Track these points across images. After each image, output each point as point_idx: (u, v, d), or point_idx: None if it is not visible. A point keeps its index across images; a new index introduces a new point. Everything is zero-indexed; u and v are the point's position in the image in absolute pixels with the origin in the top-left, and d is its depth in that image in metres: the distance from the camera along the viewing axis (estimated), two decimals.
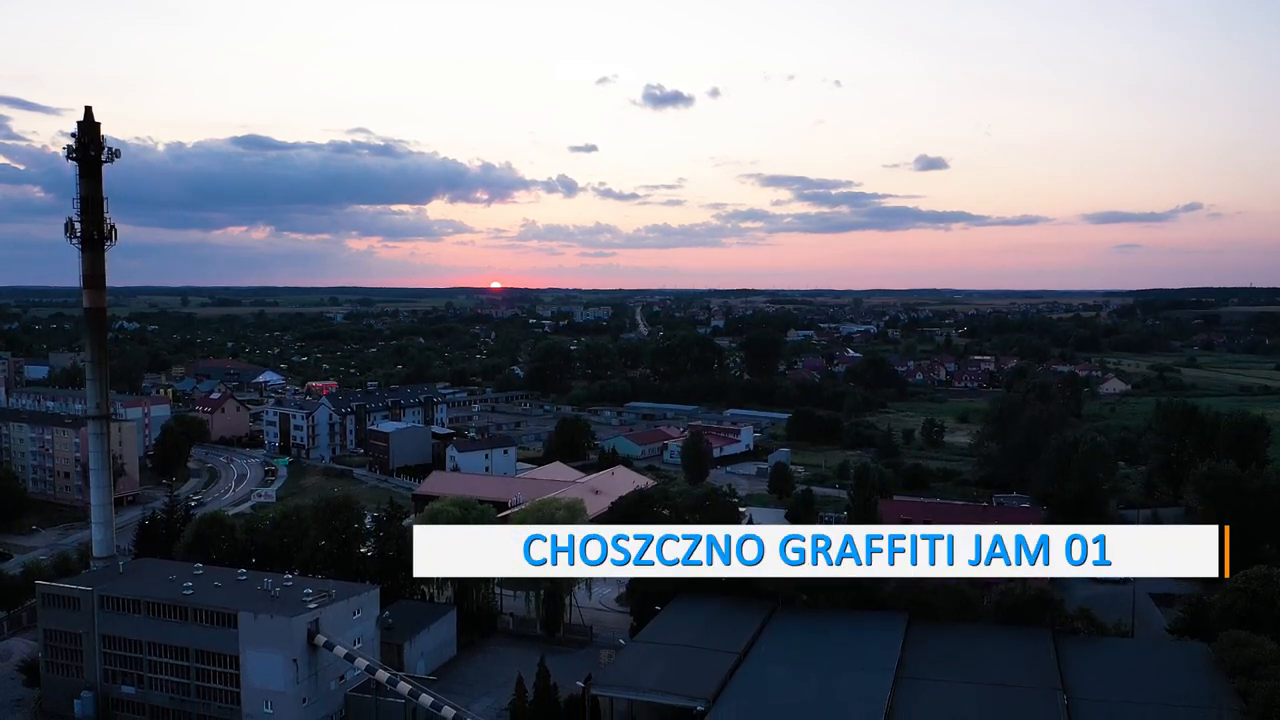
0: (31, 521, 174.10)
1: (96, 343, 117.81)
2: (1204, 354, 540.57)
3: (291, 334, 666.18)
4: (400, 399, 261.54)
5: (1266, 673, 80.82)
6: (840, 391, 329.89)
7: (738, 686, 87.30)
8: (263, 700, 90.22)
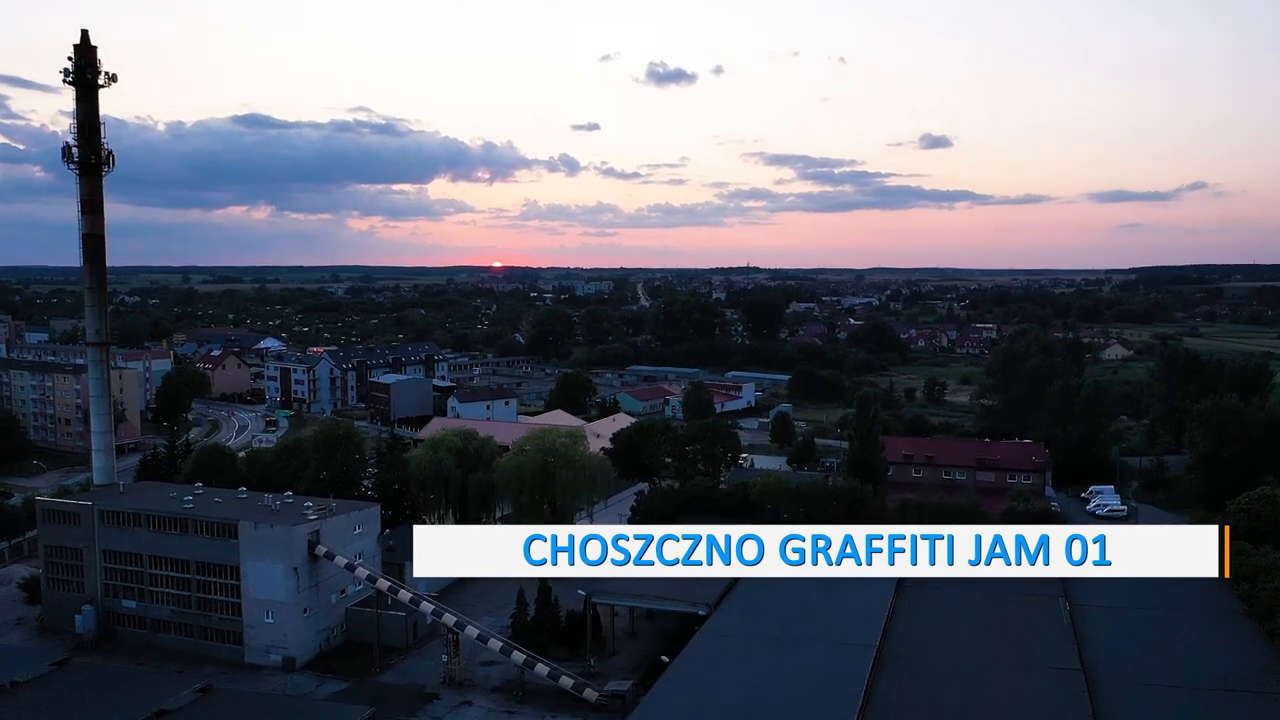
0: (34, 464, 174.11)
1: (94, 269, 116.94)
2: (1206, 324, 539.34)
3: (292, 307, 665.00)
4: (401, 355, 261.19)
5: (1269, 578, 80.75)
6: (841, 355, 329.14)
7: (740, 593, 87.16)
8: (264, 611, 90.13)
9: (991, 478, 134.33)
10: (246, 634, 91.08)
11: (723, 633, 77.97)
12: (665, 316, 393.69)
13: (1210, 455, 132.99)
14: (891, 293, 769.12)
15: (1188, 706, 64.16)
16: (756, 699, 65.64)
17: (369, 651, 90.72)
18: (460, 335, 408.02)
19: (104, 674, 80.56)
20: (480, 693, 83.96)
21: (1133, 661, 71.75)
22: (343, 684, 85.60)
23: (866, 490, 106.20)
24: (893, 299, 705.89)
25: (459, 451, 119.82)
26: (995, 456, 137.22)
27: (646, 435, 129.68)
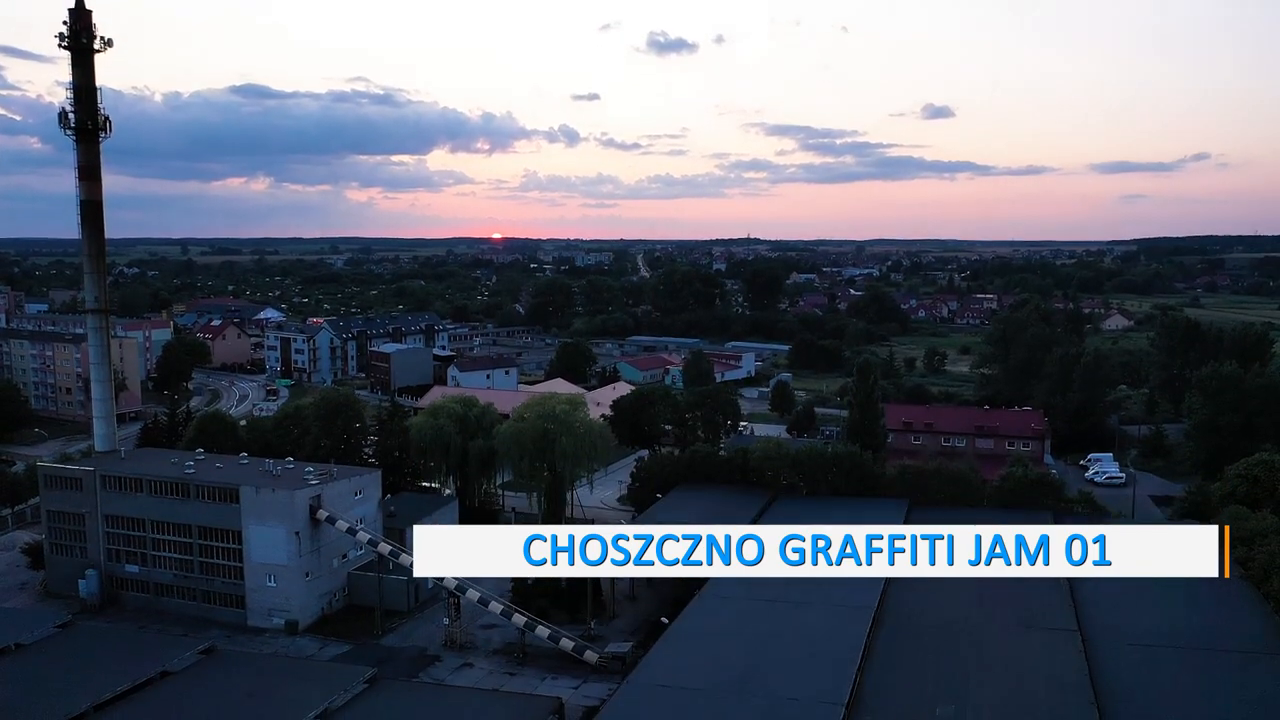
0: (35, 432, 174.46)
1: (93, 236, 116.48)
2: (1207, 295, 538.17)
3: (292, 278, 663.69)
4: (401, 325, 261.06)
5: (1265, 542, 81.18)
6: (842, 325, 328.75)
7: None
8: (266, 574, 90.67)
9: (991, 445, 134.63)
10: (249, 597, 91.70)
11: (722, 595, 78.40)
12: (665, 287, 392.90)
13: (1209, 422, 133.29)
14: (892, 264, 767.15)
15: (1184, 665, 64.77)
16: (755, 658, 66.20)
17: (371, 615, 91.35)
18: (460, 306, 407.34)
19: (108, 636, 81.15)
20: (481, 655, 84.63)
21: (1130, 622, 72.24)
22: (345, 646, 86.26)
23: (866, 456, 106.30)
24: (893, 270, 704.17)
25: (459, 418, 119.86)
26: (994, 424, 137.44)
27: (647, 402, 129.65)
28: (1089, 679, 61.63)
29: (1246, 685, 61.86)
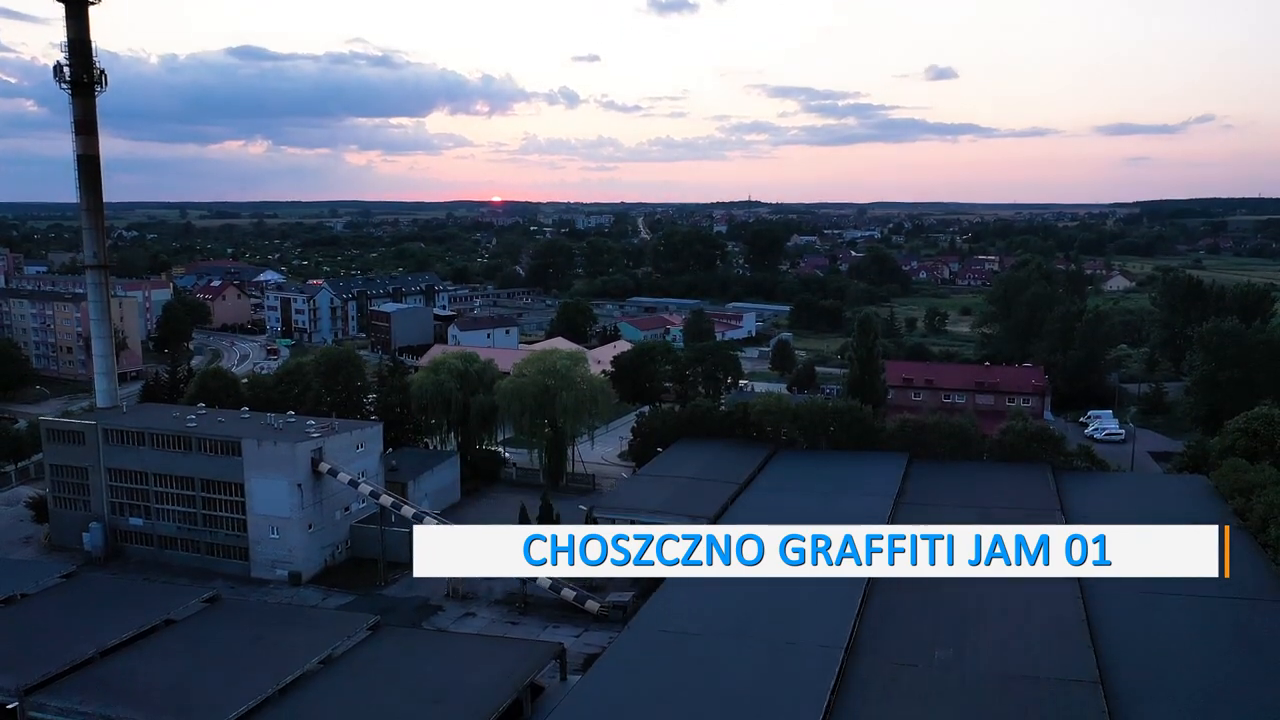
0: (37, 389, 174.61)
1: (91, 191, 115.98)
2: (1210, 257, 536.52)
3: (291, 241, 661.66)
4: (401, 286, 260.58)
5: (1264, 493, 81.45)
6: (843, 286, 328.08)
7: (741, 508, 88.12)
8: (269, 526, 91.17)
9: (991, 401, 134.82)
10: (252, 549, 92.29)
11: None
12: (666, 248, 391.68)
13: (1209, 378, 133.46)
14: (894, 226, 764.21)
15: (1181, 610, 65.18)
16: (755, 605, 66.60)
17: (373, 567, 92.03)
18: (460, 268, 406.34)
19: (112, 585, 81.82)
20: (483, 605, 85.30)
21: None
22: (348, 597, 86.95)
23: (866, 410, 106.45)
24: (895, 232, 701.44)
25: (460, 374, 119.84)
26: (995, 380, 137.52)
27: (647, 358, 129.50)
28: (1086, 623, 62.19)
29: (1242, 629, 62.39)
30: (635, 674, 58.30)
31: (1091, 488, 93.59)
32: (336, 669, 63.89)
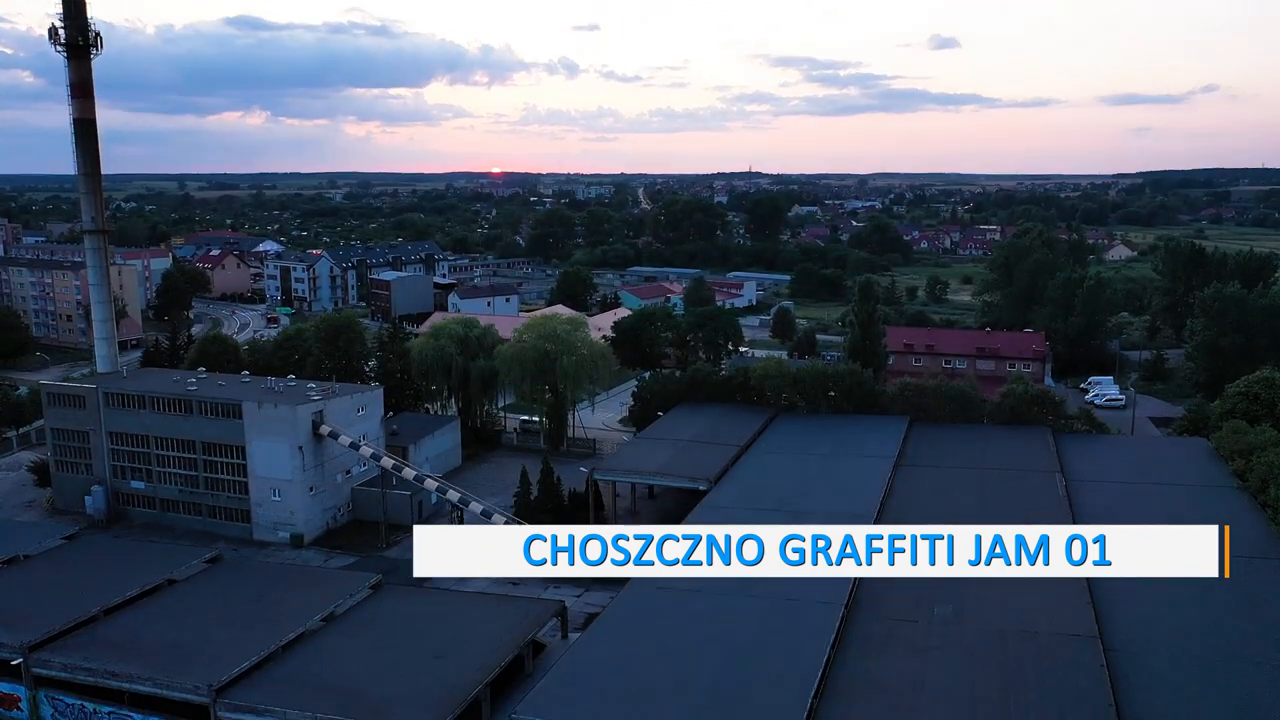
0: (38, 356, 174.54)
1: (88, 155, 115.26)
2: (1212, 226, 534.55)
3: (290, 212, 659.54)
4: (401, 254, 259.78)
5: (1264, 454, 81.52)
6: (843, 255, 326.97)
7: (741, 470, 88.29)
8: (270, 489, 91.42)
9: (992, 366, 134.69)
10: (254, 512, 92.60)
11: (722, 505, 79.07)
12: (667, 218, 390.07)
13: (1210, 343, 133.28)
14: (895, 197, 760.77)
15: None
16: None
17: (375, 529, 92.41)
18: (460, 238, 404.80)
19: (114, 546, 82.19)
20: None
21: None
22: (350, 559, 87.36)
23: (866, 374, 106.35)
24: (896, 202, 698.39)
25: (460, 339, 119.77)
26: (995, 345, 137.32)
27: (648, 322, 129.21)
28: (1085, 581, 62.27)
29: (1241, 586, 62.45)
30: (636, 629, 58.58)
31: (1091, 450, 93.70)
32: (338, 626, 64.22)
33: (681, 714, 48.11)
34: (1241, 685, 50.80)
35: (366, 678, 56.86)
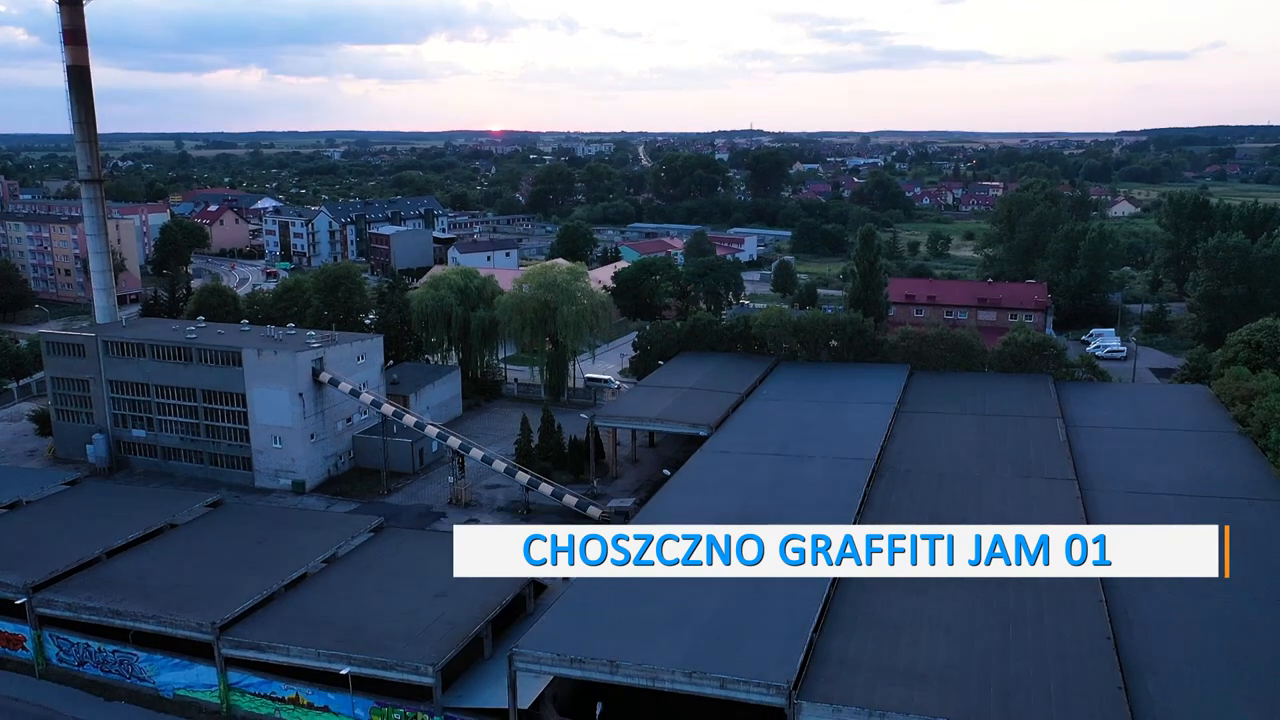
0: (36, 309, 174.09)
1: (83, 103, 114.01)
2: (1216, 183, 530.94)
3: (288, 170, 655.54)
4: (400, 209, 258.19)
5: (1265, 399, 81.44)
6: (845, 210, 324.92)
7: (742, 416, 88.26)
8: (271, 436, 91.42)
9: (993, 317, 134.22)
10: (255, 459, 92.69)
11: (724, 449, 79.14)
12: (667, 174, 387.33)
13: (1213, 293, 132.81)
14: (897, 154, 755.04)
15: (1180, 509, 65.50)
16: (756, 504, 66.95)
17: (376, 477, 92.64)
18: (459, 195, 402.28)
19: (115, 491, 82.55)
20: (486, 511, 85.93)
21: (1130, 474, 72.82)
22: (352, 505, 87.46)
23: (867, 322, 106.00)
24: (899, 160, 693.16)
25: (460, 289, 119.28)
26: (998, 296, 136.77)
27: (649, 272, 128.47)
28: (1084, 520, 62.42)
29: (1241, 525, 62.52)
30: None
31: (1092, 397, 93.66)
32: (340, 567, 64.52)
33: (682, 645, 48.38)
34: (1240, 620, 51.03)
35: (368, 616, 57.21)
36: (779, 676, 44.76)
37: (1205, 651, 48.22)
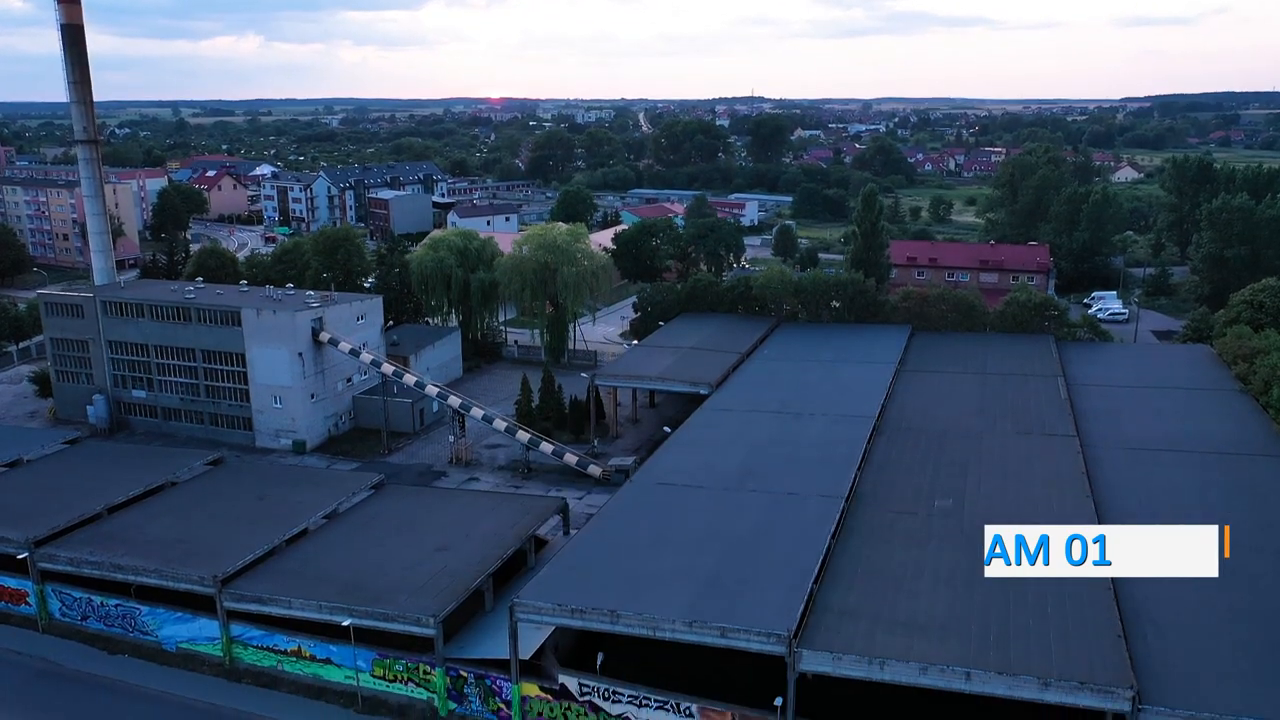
0: (35, 272, 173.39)
1: (77, 62, 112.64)
2: (1220, 149, 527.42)
3: (287, 137, 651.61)
4: (399, 174, 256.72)
5: (1266, 357, 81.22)
6: (846, 176, 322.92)
7: (743, 375, 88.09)
8: (271, 396, 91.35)
9: (995, 279, 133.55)
10: (255, 419, 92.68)
11: (724, 407, 79.05)
12: (668, 139, 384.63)
13: (1216, 255, 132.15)
14: (899, 120, 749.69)
15: (1181, 464, 65.50)
16: (757, 460, 66.96)
17: (377, 437, 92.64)
18: (459, 160, 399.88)
19: (115, 450, 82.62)
20: (487, 470, 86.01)
21: (1131, 430, 72.74)
22: (353, 464, 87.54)
23: (869, 283, 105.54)
24: (901, 126, 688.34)
25: (460, 251, 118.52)
26: (1000, 258, 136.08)
27: (649, 234, 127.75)
28: (1085, 476, 62.45)
29: (1240, 481, 62.72)
30: (637, 522, 58.76)
31: (1094, 356, 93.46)
32: (341, 522, 64.62)
33: (682, 597, 48.43)
34: (1240, 572, 50.82)
35: (370, 569, 57.34)
36: (779, 625, 44.84)
37: (1205, 602, 48.24)
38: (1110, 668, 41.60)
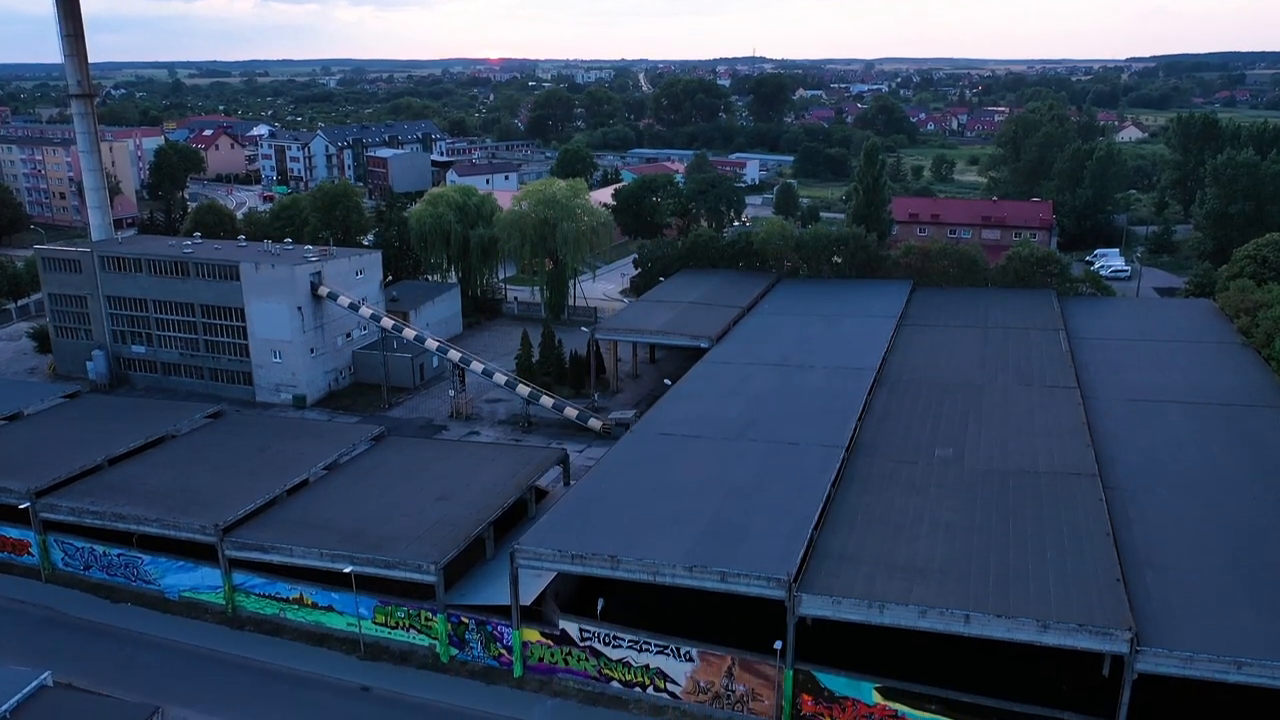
0: (32, 230, 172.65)
1: (70, 15, 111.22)
2: (1225, 109, 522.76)
3: (284, 98, 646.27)
4: (398, 133, 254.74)
5: (1269, 310, 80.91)
6: (848, 135, 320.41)
7: (744, 329, 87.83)
8: (270, 350, 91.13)
9: (997, 236, 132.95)
10: (255, 374, 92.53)
11: (725, 360, 78.86)
12: (668, 99, 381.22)
13: (1220, 211, 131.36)
14: (902, 80, 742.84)
15: (1182, 415, 65.42)
16: (757, 411, 66.88)
17: (377, 391, 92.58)
18: (457, 120, 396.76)
19: (114, 403, 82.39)
20: (487, 424, 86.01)
21: (1132, 382, 72.61)
22: (353, 419, 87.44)
23: (870, 237, 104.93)
24: (903, 86, 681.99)
25: (459, 207, 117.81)
26: (1002, 215, 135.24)
27: (649, 190, 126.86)
28: (1086, 426, 62.39)
29: (1241, 431, 62.67)
30: (637, 471, 58.73)
31: (1096, 310, 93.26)
32: (342, 473, 64.65)
33: (682, 543, 48.50)
34: (1238, 519, 51.09)
35: (371, 518, 57.43)
36: (779, 570, 44.95)
37: (1204, 548, 48.34)
38: (1109, 610, 41.69)
